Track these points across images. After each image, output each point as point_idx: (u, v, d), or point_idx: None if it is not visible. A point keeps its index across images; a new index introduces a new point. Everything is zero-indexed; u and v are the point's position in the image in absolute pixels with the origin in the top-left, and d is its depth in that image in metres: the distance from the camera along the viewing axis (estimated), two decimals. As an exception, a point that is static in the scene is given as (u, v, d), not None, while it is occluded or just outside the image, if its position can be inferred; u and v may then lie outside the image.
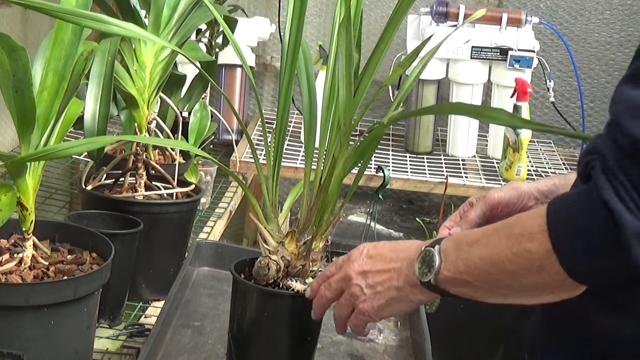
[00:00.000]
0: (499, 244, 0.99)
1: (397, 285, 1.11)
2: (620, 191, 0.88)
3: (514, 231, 0.98)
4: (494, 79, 2.75)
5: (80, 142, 1.27)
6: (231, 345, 1.27)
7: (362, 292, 1.13)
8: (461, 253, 1.04)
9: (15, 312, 1.20)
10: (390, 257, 1.13)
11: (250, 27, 2.80)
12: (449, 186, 2.51)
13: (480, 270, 1.02)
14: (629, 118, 0.89)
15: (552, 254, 0.93)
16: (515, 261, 0.97)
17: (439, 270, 1.05)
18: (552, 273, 0.94)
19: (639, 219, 0.88)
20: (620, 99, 0.92)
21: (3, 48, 1.11)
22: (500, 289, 1.02)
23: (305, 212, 1.27)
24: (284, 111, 1.25)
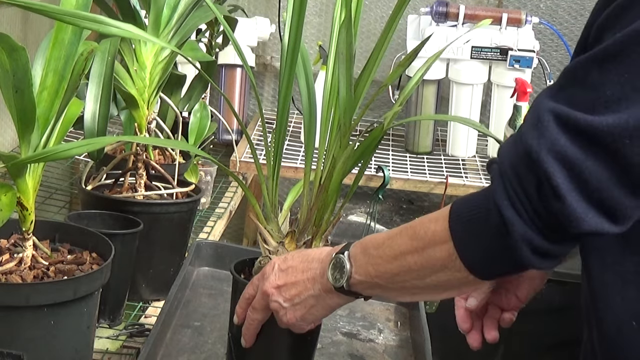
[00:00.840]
0: (403, 246, 1.04)
1: (313, 293, 1.14)
2: (512, 196, 0.93)
3: (417, 232, 1.03)
4: (494, 79, 2.75)
5: (81, 142, 1.27)
6: (231, 345, 1.27)
7: (282, 307, 1.16)
8: (369, 257, 1.08)
9: (15, 312, 1.20)
10: (301, 267, 1.16)
11: (250, 27, 2.80)
12: (449, 186, 2.51)
13: (388, 273, 1.07)
14: (529, 127, 0.93)
15: (454, 254, 0.99)
16: (419, 262, 1.02)
17: (350, 275, 1.09)
18: (455, 271, 1.00)
19: (527, 224, 0.93)
20: (534, 107, 0.96)
21: (3, 48, 1.11)
22: (408, 289, 1.07)
23: (305, 212, 1.27)
24: (284, 111, 1.25)
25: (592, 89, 0.92)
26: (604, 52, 0.93)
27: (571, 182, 0.91)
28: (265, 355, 1.26)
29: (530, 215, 0.93)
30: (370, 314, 1.59)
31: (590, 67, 0.94)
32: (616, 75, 0.92)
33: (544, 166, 0.91)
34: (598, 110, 0.91)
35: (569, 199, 0.90)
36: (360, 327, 1.53)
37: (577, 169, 0.90)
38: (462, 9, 2.71)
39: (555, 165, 0.91)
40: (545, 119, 0.92)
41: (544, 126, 0.92)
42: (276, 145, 1.27)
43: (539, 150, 0.91)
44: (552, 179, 0.90)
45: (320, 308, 1.15)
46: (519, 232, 0.93)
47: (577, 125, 0.91)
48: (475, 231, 0.97)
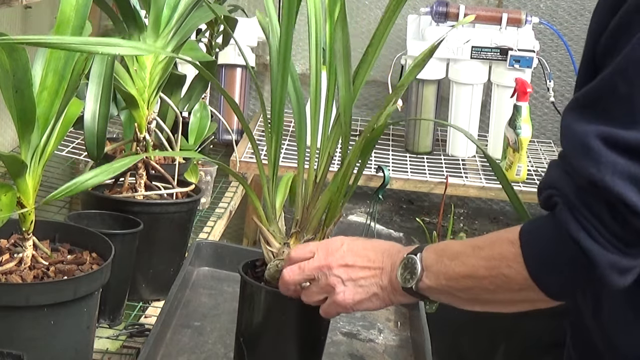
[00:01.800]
0: (477, 265, 1.06)
1: (381, 284, 1.15)
2: (587, 226, 0.95)
3: (492, 255, 1.05)
4: (494, 79, 2.75)
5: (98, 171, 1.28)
6: (243, 349, 1.26)
7: (342, 283, 1.16)
8: (442, 266, 1.10)
9: (15, 312, 1.20)
10: (372, 256, 1.17)
11: (250, 27, 2.80)
12: (449, 186, 2.51)
13: (461, 285, 1.09)
14: (582, 158, 0.95)
15: (531, 282, 1.01)
16: (495, 283, 1.04)
17: (421, 278, 1.11)
18: (532, 293, 1.02)
19: (609, 250, 0.95)
20: (572, 134, 0.97)
21: (3, 48, 1.11)
22: (479, 301, 1.10)
23: (301, 212, 1.27)
24: (279, 112, 1.25)
25: (625, 101, 0.93)
26: (626, 61, 0.94)
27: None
28: (282, 356, 1.25)
29: (610, 240, 0.95)
30: (370, 314, 1.59)
31: (616, 81, 0.94)
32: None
33: (613, 191, 0.93)
34: (638, 121, 0.92)
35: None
36: (360, 327, 1.53)
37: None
38: (462, 9, 2.71)
39: (624, 186, 0.92)
40: (594, 144, 0.94)
41: (598, 153, 0.93)
42: (275, 146, 1.27)
43: (603, 178, 0.93)
44: (626, 199, 0.92)
45: (381, 300, 1.17)
46: (603, 260, 0.95)
47: (628, 144, 0.92)
48: (552, 263, 0.99)
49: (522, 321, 3.08)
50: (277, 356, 1.25)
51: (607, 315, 1.08)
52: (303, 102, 1.32)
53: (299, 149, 1.29)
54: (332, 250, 1.18)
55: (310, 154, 1.28)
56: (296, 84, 1.32)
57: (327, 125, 1.27)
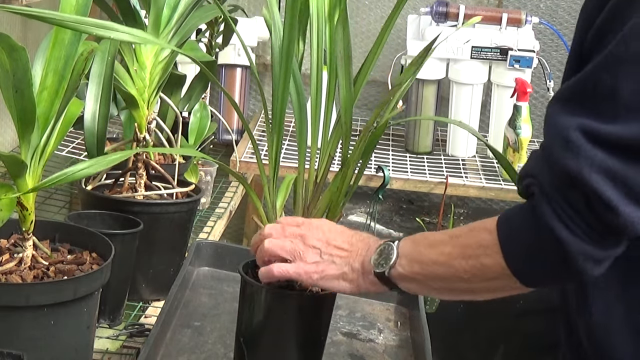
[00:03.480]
0: (453, 253, 1.06)
1: (353, 265, 1.16)
2: (563, 216, 0.96)
3: (469, 243, 1.05)
4: (494, 79, 2.75)
5: (89, 163, 1.27)
6: (243, 349, 1.26)
7: (319, 256, 1.17)
8: (417, 254, 1.10)
9: (15, 312, 1.20)
10: (351, 240, 1.18)
11: (250, 27, 2.80)
12: (449, 186, 2.51)
13: (435, 273, 1.09)
14: (561, 150, 0.95)
15: (507, 269, 1.01)
16: (470, 272, 1.05)
17: (394, 265, 1.11)
18: (507, 281, 1.03)
19: (583, 240, 0.96)
20: (554, 125, 0.97)
21: (3, 48, 1.11)
22: (452, 290, 1.10)
23: (302, 212, 1.27)
24: (281, 111, 1.25)
25: (608, 95, 0.94)
26: (610, 55, 0.94)
27: (619, 191, 0.93)
28: (283, 356, 1.25)
29: (585, 230, 0.95)
30: (370, 314, 1.59)
31: (600, 74, 0.95)
32: (627, 75, 0.93)
33: (589, 184, 0.93)
34: (621, 115, 0.93)
35: (621, 209, 0.93)
36: (360, 327, 1.53)
37: (621, 178, 0.93)
38: (462, 9, 2.71)
39: (600, 180, 0.93)
40: (574, 137, 0.94)
41: (577, 145, 0.94)
42: (275, 146, 1.27)
43: (580, 170, 0.94)
44: (602, 194, 0.93)
45: (349, 282, 1.16)
46: (577, 250, 0.96)
47: (608, 138, 0.93)
48: (527, 250, 1.00)
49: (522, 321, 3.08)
50: (277, 356, 1.25)
51: (596, 314, 1.08)
52: (304, 101, 1.32)
53: (300, 149, 1.29)
54: (317, 225, 1.19)
55: (311, 154, 1.28)
56: (298, 83, 1.32)
57: (327, 126, 1.27)
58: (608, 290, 1.05)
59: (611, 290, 1.05)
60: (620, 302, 1.06)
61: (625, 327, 1.06)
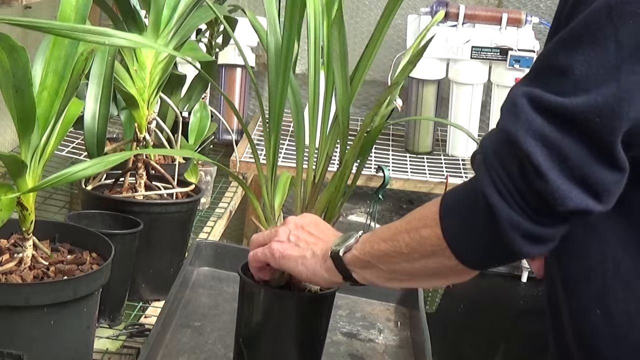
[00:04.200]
0: (399, 229, 1.07)
1: (315, 251, 1.16)
2: (497, 182, 0.95)
3: (414, 216, 1.06)
4: (494, 79, 2.75)
5: (91, 162, 1.26)
6: (242, 349, 1.26)
7: (286, 237, 1.18)
8: (371, 236, 1.12)
9: (15, 312, 1.20)
10: (326, 231, 1.19)
11: (250, 27, 2.80)
12: (449, 186, 2.51)
13: (381, 252, 1.09)
14: (505, 113, 0.96)
15: (443, 242, 1.00)
16: (410, 245, 1.04)
17: (350, 248, 1.12)
18: (444, 258, 1.02)
19: (513, 208, 0.94)
20: (509, 94, 0.98)
21: (3, 48, 1.11)
22: (397, 273, 1.09)
23: (300, 212, 1.27)
24: (279, 112, 1.25)
25: (562, 71, 0.94)
26: (569, 34, 0.95)
27: (551, 160, 0.92)
28: (282, 356, 1.25)
29: (516, 199, 0.94)
30: (370, 314, 1.59)
31: (558, 51, 0.96)
32: (582, 55, 0.93)
33: (523, 147, 0.93)
34: (569, 91, 0.93)
35: (550, 176, 0.92)
36: (360, 327, 1.53)
37: (556, 147, 0.93)
38: (462, 9, 2.71)
39: (534, 144, 0.92)
40: (520, 102, 0.94)
41: (519, 109, 0.94)
42: (273, 147, 1.27)
43: (516, 132, 0.93)
44: (533, 157, 0.92)
45: (306, 266, 1.17)
46: (506, 217, 0.94)
47: (549, 106, 0.93)
48: (464, 220, 0.99)
49: (522, 321, 3.08)
50: (277, 356, 1.25)
51: (584, 313, 1.08)
52: (301, 102, 1.32)
53: (298, 149, 1.29)
54: (306, 215, 1.22)
55: (309, 154, 1.28)
56: (293, 83, 1.33)
57: (325, 126, 1.26)
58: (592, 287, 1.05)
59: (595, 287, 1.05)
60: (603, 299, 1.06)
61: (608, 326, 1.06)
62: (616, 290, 1.04)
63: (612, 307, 1.04)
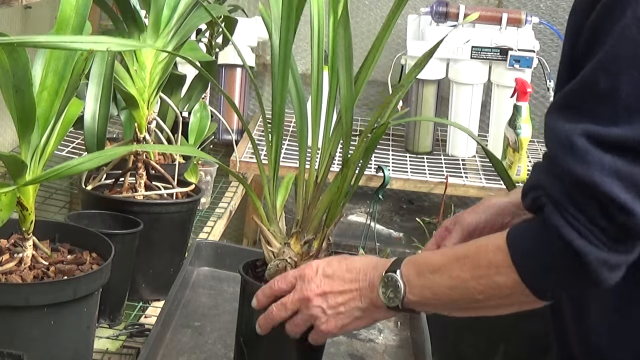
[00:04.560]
0: (464, 276, 1.05)
1: (361, 306, 1.14)
2: (577, 226, 0.95)
3: (479, 264, 1.04)
4: (494, 79, 2.74)
5: (89, 157, 1.26)
6: (242, 349, 1.26)
7: (324, 314, 1.15)
8: (425, 281, 1.09)
9: (15, 312, 1.20)
10: (349, 277, 1.15)
11: (250, 27, 2.80)
12: (449, 186, 2.51)
13: (448, 297, 1.08)
14: (568, 157, 0.95)
15: (522, 286, 1.01)
16: (484, 292, 1.04)
17: (405, 295, 1.10)
18: (522, 297, 1.02)
19: (600, 248, 0.95)
20: (556, 134, 0.97)
21: (3, 48, 1.11)
22: (468, 309, 1.10)
23: (302, 212, 1.27)
24: (280, 111, 1.25)
25: (608, 98, 0.94)
26: (605, 57, 0.94)
27: (631, 193, 0.93)
28: (282, 356, 1.25)
29: (600, 238, 0.95)
30: (370, 314, 1.59)
31: (597, 77, 0.95)
32: (625, 75, 0.93)
33: (602, 189, 0.93)
34: (622, 117, 0.93)
35: (637, 210, 0.93)
36: (360, 327, 1.53)
37: (630, 178, 0.93)
38: (462, 9, 2.71)
39: (612, 183, 0.93)
40: (579, 143, 0.94)
41: (584, 151, 0.94)
42: (275, 145, 1.27)
43: (591, 176, 0.93)
44: (615, 197, 0.93)
45: (366, 320, 1.16)
46: (595, 259, 0.95)
47: (612, 141, 0.93)
48: (542, 264, 0.99)
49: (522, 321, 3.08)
50: (277, 356, 1.25)
51: (590, 318, 1.08)
52: (304, 101, 1.32)
53: (300, 149, 1.29)
54: (308, 279, 1.16)
55: (311, 154, 1.28)
56: (297, 83, 1.32)
57: (328, 125, 1.26)
58: (607, 294, 1.05)
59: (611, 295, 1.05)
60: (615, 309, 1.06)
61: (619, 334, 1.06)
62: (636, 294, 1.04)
63: (633, 310, 1.04)
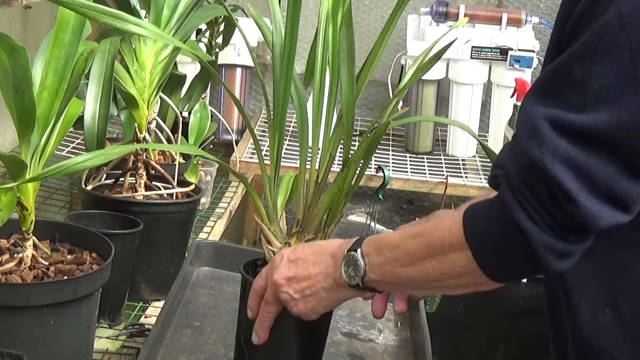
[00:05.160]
0: (419, 253, 1.06)
1: (325, 286, 1.16)
2: (527, 207, 0.95)
3: (434, 241, 1.05)
4: (494, 79, 2.75)
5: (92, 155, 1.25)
6: (243, 347, 1.26)
7: (292, 298, 1.17)
8: (384, 259, 1.10)
9: (15, 312, 1.20)
10: (312, 260, 1.17)
11: (250, 27, 2.80)
12: (449, 186, 2.51)
13: (405, 276, 1.09)
14: (526, 137, 0.95)
15: (474, 264, 1.01)
16: (438, 268, 1.04)
17: (365, 273, 1.11)
18: (474, 277, 1.02)
19: (546, 232, 0.95)
20: (524, 114, 0.97)
21: (3, 48, 1.11)
22: (425, 288, 1.13)
23: (302, 211, 1.27)
24: (282, 110, 1.25)
25: (579, 86, 0.94)
26: (583, 46, 0.94)
27: (580, 183, 0.92)
28: (283, 356, 1.25)
29: (548, 222, 0.95)
30: (370, 313, 1.58)
31: (572, 65, 0.95)
32: (598, 66, 0.93)
33: (551, 173, 0.92)
34: (589, 106, 0.92)
35: (581, 200, 0.92)
36: (360, 327, 1.53)
37: (583, 169, 0.92)
38: (462, 9, 2.71)
39: (562, 170, 0.92)
40: (541, 126, 0.94)
41: (542, 134, 0.93)
42: (277, 144, 1.27)
43: (543, 159, 0.93)
44: (562, 184, 0.92)
45: (332, 300, 1.17)
46: (540, 242, 0.95)
47: (572, 127, 0.92)
48: (494, 243, 0.99)
49: (522, 321, 3.08)
50: (278, 356, 1.25)
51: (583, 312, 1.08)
52: (304, 101, 1.32)
53: (301, 148, 1.29)
54: (274, 266, 1.19)
55: (312, 154, 1.28)
56: (297, 82, 1.33)
57: (329, 125, 1.26)
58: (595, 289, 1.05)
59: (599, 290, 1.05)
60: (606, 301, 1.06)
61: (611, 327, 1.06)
62: (628, 290, 1.04)
63: (623, 307, 1.04)
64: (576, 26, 0.98)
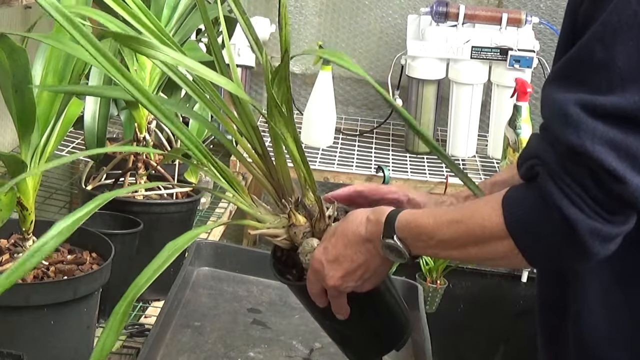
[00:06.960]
0: (461, 240, 1.07)
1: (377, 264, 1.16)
2: (570, 194, 0.95)
3: (474, 230, 1.05)
4: (494, 79, 2.75)
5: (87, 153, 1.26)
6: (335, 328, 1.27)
7: (357, 286, 1.17)
8: (424, 244, 1.11)
9: (15, 312, 1.20)
10: (351, 252, 1.16)
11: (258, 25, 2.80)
12: (449, 186, 2.51)
13: (447, 255, 1.13)
14: (562, 126, 0.95)
15: (516, 249, 1.01)
16: (480, 253, 1.06)
17: (409, 254, 1.12)
18: (516, 261, 1.03)
19: (591, 217, 0.95)
20: (551, 103, 0.97)
21: (3, 48, 1.11)
22: (467, 262, 1.16)
23: (269, 185, 1.26)
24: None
25: (602, 67, 0.94)
26: (602, 27, 0.94)
27: (623, 162, 0.93)
28: (368, 312, 1.26)
29: (592, 207, 0.95)
30: (370, 314, 1.59)
31: (593, 47, 0.95)
32: (621, 45, 0.93)
33: (594, 156, 0.93)
34: (617, 86, 0.93)
35: (628, 177, 0.93)
36: (360, 327, 1.53)
37: (624, 148, 0.93)
38: (462, 9, 2.71)
39: (604, 151, 0.93)
40: (572, 112, 0.94)
41: (576, 120, 0.94)
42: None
43: (582, 144, 0.93)
44: (606, 164, 0.93)
45: (387, 266, 1.17)
46: (586, 227, 0.95)
47: (605, 109, 0.93)
48: (536, 232, 0.99)
49: (522, 321, 3.08)
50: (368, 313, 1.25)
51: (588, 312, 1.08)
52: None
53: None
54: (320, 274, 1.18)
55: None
56: None
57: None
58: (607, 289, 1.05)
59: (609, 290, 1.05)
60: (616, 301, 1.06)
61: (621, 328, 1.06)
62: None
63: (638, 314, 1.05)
64: (591, 7, 0.98)
